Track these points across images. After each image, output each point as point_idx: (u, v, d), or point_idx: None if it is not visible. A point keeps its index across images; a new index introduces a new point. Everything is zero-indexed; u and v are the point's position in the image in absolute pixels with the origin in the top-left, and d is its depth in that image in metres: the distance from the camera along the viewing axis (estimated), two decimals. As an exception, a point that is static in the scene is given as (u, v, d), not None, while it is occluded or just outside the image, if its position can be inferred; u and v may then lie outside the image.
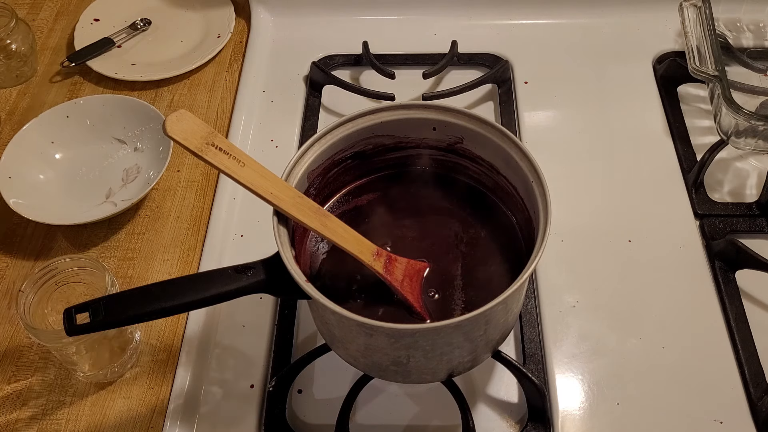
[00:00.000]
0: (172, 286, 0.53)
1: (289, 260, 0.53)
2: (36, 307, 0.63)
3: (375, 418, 0.65)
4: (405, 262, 0.60)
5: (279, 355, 0.68)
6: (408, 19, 0.98)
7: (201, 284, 0.53)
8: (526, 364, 0.66)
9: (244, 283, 0.53)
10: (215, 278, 0.54)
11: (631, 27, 0.95)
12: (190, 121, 0.49)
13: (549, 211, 0.54)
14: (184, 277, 0.54)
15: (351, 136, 0.62)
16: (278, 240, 0.54)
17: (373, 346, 0.56)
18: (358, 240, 0.58)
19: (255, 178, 0.53)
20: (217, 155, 0.50)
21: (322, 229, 0.55)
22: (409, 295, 0.58)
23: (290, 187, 0.56)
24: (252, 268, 0.54)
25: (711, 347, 0.68)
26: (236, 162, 0.52)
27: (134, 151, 0.83)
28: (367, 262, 0.57)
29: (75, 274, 0.65)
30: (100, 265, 0.63)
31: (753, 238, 0.74)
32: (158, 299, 0.52)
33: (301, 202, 0.55)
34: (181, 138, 0.49)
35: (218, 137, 0.51)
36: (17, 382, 0.68)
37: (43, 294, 0.63)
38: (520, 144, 0.58)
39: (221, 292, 0.53)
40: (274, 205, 0.54)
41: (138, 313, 0.52)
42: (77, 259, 0.64)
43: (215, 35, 0.96)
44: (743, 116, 0.73)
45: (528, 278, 0.52)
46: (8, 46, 0.90)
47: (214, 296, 0.53)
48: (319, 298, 0.51)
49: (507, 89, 0.89)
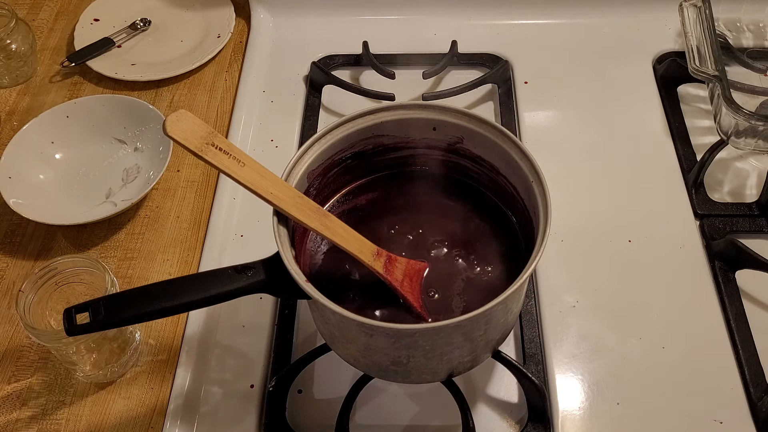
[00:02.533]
0: (172, 286, 0.53)
1: (289, 260, 0.53)
2: (36, 307, 0.63)
3: (375, 418, 0.65)
4: (405, 262, 0.60)
5: (279, 355, 0.68)
6: (408, 19, 0.97)
7: (201, 284, 0.54)
8: (526, 364, 0.66)
9: (244, 283, 0.53)
10: (215, 278, 0.54)
11: (631, 27, 0.95)
12: (190, 121, 0.49)
13: (549, 211, 0.54)
14: (184, 277, 0.54)
15: (351, 136, 0.62)
16: (278, 240, 0.54)
17: (373, 346, 0.56)
18: (359, 240, 0.58)
19: (255, 177, 0.52)
20: (217, 155, 0.50)
21: (323, 229, 0.55)
22: (409, 295, 0.58)
23: (290, 187, 0.55)
24: (252, 268, 0.54)
25: (711, 347, 0.68)
26: (236, 162, 0.51)
27: (134, 151, 0.83)
28: (367, 262, 0.57)
29: (75, 274, 0.65)
30: (100, 265, 0.63)
31: (753, 238, 0.74)
32: (158, 299, 0.52)
33: (301, 202, 0.55)
34: (181, 138, 0.49)
35: (218, 137, 0.51)
36: (17, 382, 0.68)
37: (42, 294, 0.63)
38: (520, 144, 0.58)
39: (221, 292, 0.53)
40: (274, 205, 0.54)
41: (138, 313, 0.52)
42: (77, 259, 0.64)
43: (215, 35, 0.96)
44: (743, 116, 0.73)
45: (528, 278, 0.52)
46: (8, 46, 0.90)
47: (214, 296, 0.53)
48: (319, 298, 0.51)
49: (507, 89, 0.89)
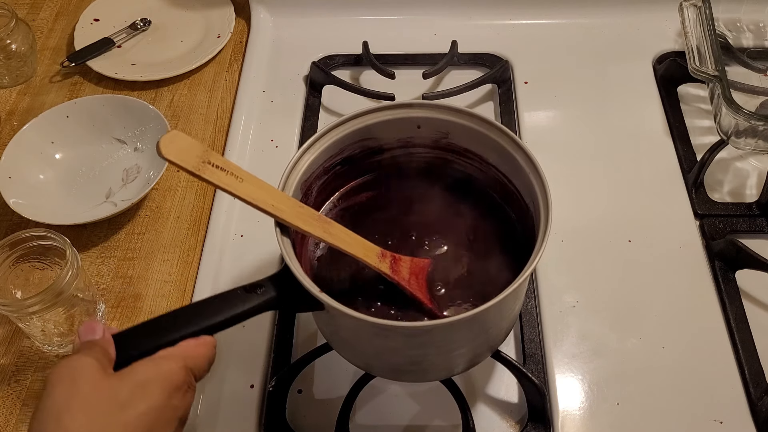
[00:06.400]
0: (183, 314, 0.51)
1: (300, 273, 0.51)
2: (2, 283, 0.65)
3: (375, 418, 0.65)
4: (409, 261, 0.60)
5: (279, 355, 0.68)
6: (408, 19, 0.97)
7: (212, 309, 0.51)
8: (526, 364, 0.66)
9: (256, 302, 0.52)
10: (226, 301, 0.52)
11: (631, 27, 0.95)
12: (184, 141, 0.49)
13: (549, 199, 0.55)
14: (194, 303, 0.52)
15: (340, 141, 0.61)
16: (285, 253, 0.53)
17: (391, 348, 0.55)
18: (362, 244, 0.57)
19: (255, 192, 0.52)
20: (215, 173, 0.50)
21: (326, 236, 0.55)
22: (418, 293, 0.58)
23: (290, 197, 0.55)
24: (261, 286, 0.52)
25: (711, 347, 0.68)
26: (234, 178, 0.51)
27: (134, 151, 0.83)
28: (374, 264, 0.57)
29: (36, 250, 0.66)
30: (61, 239, 0.64)
31: (753, 238, 0.74)
32: (170, 330, 0.50)
33: (302, 211, 0.55)
34: (177, 159, 0.48)
35: (213, 154, 0.50)
36: (17, 382, 0.68)
37: (6, 268, 0.65)
38: (509, 133, 0.59)
39: (235, 314, 0.51)
40: (277, 217, 0.53)
41: (150, 347, 0.49)
42: (40, 233, 0.65)
43: (215, 35, 0.96)
44: (743, 116, 0.73)
45: (538, 260, 0.52)
46: (8, 46, 0.90)
47: (228, 319, 0.51)
48: (338, 307, 0.50)
49: (507, 89, 0.89)
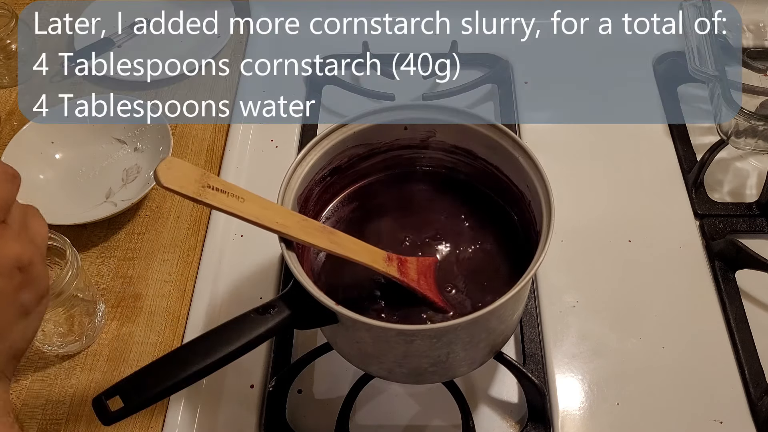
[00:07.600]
0: (200, 345, 0.51)
1: (312, 288, 0.51)
2: None
3: (375, 418, 0.65)
4: (415, 261, 0.60)
5: (279, 355, 0.68)
6: (408, 19, 0.97)
7: (229, 336, 0.51)
8: (526, 364, 0.66)
9: (272, 323, 0.51)
10: (241, 326, 0.51)
11: (631, 27, 0.95)
12: (181, 167, 0.48)
13: (550, 195, 0.55)
14: (209, 332, 0.51)
15: (329, 151, 0.61)
16: (295, 269, 0.52)
17: (412, 352, 0.55)
18: (369, 250, 0.57)
19: (258, 211, 0.51)
20: (216, 196, 0.49)
21: (333, 247, 0.55)
22: (428, 292, 0.58)
23: (293, 212, 0.55)
24: (273, 306, 0.52)
25: (711, 347, 0.68)
26: (236, 199, 0.50)
27: (134, 151, 0.83)
28: (382, 269, 0.56)
29: None
30: (62, 239, 0.63)
31: (753, 238, 0.74)
32: (188, 363, 0.49)
33: (306, 224, 0.54)
34: (177, 186, 0.47)
35: (212, 177, 0.49)
36: (17, 382, 0.68)
37: None
38: (510, 133, 0.59)
39: (252, 338, 0.51)
40: (284, 234, 0.52)
41: (169, 384, 0.49)
42: None
43: (215, 35, 0.96)
44: (743, 116, 0.73)
45: (544, 256, 0.52)
46: (8, 46, 0.90)
47: (246, 345, 0.51)
48: (357, 318, 0.50)
49: (507, 89, 0.89)
